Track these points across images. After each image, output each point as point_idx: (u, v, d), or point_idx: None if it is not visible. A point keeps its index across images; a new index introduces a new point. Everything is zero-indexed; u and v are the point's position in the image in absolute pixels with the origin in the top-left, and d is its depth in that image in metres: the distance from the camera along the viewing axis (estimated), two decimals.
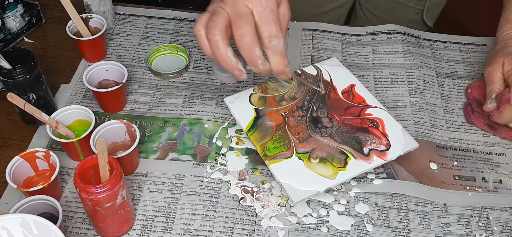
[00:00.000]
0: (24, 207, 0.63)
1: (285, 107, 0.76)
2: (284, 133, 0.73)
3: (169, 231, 0.67)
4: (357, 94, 0.78)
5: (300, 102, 0.77)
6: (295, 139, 0.72)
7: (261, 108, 0.76)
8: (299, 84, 0.79)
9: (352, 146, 0.71)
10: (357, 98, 0.77)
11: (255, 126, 0.74)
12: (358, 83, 0.80)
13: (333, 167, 0.69)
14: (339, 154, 0.70)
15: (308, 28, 0.98)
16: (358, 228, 0.68)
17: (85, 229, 0.67)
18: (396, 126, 0.74)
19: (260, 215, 0.69)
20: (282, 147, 0.71)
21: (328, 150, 0.70)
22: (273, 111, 0.76)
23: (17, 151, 0.69)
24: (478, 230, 0.69)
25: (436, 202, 0.72)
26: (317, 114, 0.75)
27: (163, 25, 0.97)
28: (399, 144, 0.71)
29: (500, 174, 0.75)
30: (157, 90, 0.85)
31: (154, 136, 0.78)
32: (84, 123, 0.75)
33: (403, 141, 0.72)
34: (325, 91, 0.78)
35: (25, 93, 0.73)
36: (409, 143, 0.72)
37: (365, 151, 0.70)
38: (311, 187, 0.67)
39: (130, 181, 0.72)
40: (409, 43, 0.94)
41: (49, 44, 0.94)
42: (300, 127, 0.73)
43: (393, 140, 0.72)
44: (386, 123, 0.74)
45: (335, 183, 0.67)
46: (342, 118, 0.74)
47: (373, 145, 0.71)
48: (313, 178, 0.68)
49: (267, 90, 0.79)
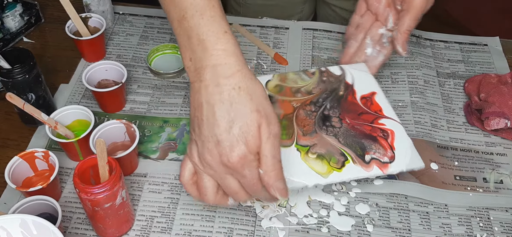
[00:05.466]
0: (23, 207, 0.62)
1: (299, 99, 0.75)
2: (289, 123, 0.72)
3: (168, 231, 0.67)
4: (375, 102, 0.75)
5: (315, 98, 0.75)
6: (300, 131, 0.71)
7: (274, 95, 0.75)
8: (319, 81, 0.77)
9: (354, 150, 0.69)
10: (374, 106, 0.74)
11: None
12: (380, 93, 0.76)
13: (328, 166, 0.67)
14: (338, 155, 0.69)
15: (308, 28, 0.97)
16: (359, 229, 0.68)
17: (84, 230, 0.67)
18: (407, 141, 0.70)
19: (260, 215, 0.69)
20: (283, 136, 0.70)
21: (329, 148, 0.69)
22: (286, 101, 0.74)
23: (16, 151, 0.68)
24: (479, 231, 0.69)
25: (437, 203, 0.71)
26: (329, 113, 0.73)
27: (162, 24, 0.97)
28: (404, 160, 0.68)
29: (501, 175, 0.75)
30: (156, 90, 0.85)
31: (154, 136, 0.78)
32: (83, 123, 0.75)
33: (409, 158, 0.68)
34: (343, 93, 0.76)
35: (24, 93, 0.73)
36: (415, 161, 0.68)
37: (367, 159, 0.68)
38: (300, 179, 0.65)
39: (129, 182, 0.72)
40: (409, 43, 0.94)
41: (48, 43, 0.93)
42: (308, 121, 0.72)
43: (398, 155, 0.68)
44: (396, 136, 0.71)
45: (326, 182, 0.66)
46: (353, 121, 0.72)
47: (376, 154, 0.68)
48: (305, 172, 0.66)
49: (285, 80, 0.78)
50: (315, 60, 0.91)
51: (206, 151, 0.55)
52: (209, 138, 0.54)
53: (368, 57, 0.80)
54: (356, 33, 0.81)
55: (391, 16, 0.77)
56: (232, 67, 0.54)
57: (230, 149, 0.53)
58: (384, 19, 0.78)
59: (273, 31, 0.96)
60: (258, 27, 0.97)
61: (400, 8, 0.75)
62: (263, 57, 0.91)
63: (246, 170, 0.55)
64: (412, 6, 0.73)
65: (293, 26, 0.97)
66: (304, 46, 0.94)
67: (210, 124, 0.54)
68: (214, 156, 0.54)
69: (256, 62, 0.90)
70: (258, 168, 0.55)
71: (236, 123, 0.53)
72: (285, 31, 0.96)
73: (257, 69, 0.89)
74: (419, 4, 0.73)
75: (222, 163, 0.54)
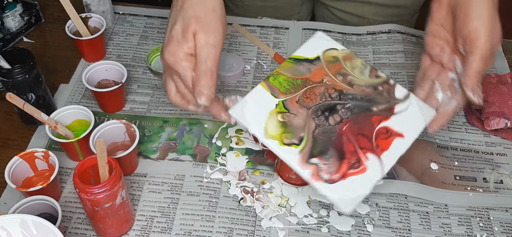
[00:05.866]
0: (23, 207, 0.62)
1: (333, 79, 0.70)
2: (301, 87, 0.69)
3: (168, 231, 0.67)
4: (389, 142, 0.65)
5: (348, 92, 0.69)
6: (300, 97, 0.67)
7: (321, 61, 0.72)
8: (371, 86, 0.69)
9: (316, 148, 0.64)
10: (383, 142, 0.65)
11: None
12: (407, 140, 0.65)
13: (279, 136, 0.64)
14: (297, 137, 0.64)
15: (308, 28, 0.97)
16: (359, 229, 0.68)
17: (84, 230, 0.67)
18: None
19: (260, 215, 0.69)
20: (286, 89, 0.68)
21: (297, 126, 0.65)
22: (322, 71, 0.70)
23: (16, 151, 0.68)
24: (479, 231, 0.69)
25: (437, 203, 0.71)
26: (339, 110, 0.67)
27: (162, 24, 0.97)
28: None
29: (501, 174, 0.75)
30: (156, 90, 0.85)
31: (154, 136, 0.78)
32: (83, 123, 0.75)
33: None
34: (376, 111, 0.67)
35: (24, 93, 0.73)
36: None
37: (312, 161, 0.63)
38: (249, 120, 0.65)
39: (129, 182, 0.72)
40: (409, 43, 0.94)
41: (48, 43, 0.93)
42: (314, 98, 0.68)
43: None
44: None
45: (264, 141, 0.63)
46: (347, 133, 0.65)
47: (326, 166, 0.63)
48: (259, 120, 0.65)
49: (346, 60, 0.72)
50: None
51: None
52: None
53: (440, 104, 0.69)
54: (423, 83, 0.72)
55: (458, 60, 0.68)
56: None
57: (166, 46, 0.63)
58: (452, 65, 0.69)
59: (273, 31, 0.96)
60: (258, 27, 0.97)
61: (464, 52, 0.66)
62: (263, 57, 0.91)
63: (179, 68, 0.62)
64: (476, 45, 0.64)
65: (293, 26, 0.97)
66: None
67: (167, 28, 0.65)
68: (161, 55, 0.65)
69: (256, 62, 0.90)
70: (192, 71, 0.62)
71: (177, 25, 0.63)
72: (285, 31, 0.96)
73: (257, 69, 0.89)
74: (483, 43, 0.64)
75: (163, 60, 0.64)
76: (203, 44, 0.61)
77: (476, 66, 0.65)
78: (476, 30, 0.64)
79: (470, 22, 0.64)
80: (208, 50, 0.61)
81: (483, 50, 0.64)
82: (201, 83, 0.61)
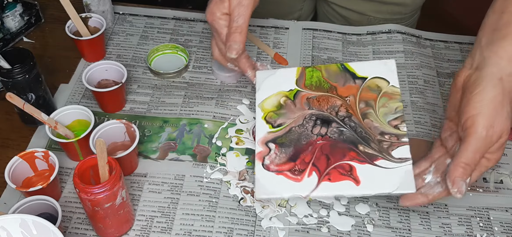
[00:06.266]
0: (23, 207, 0.62)
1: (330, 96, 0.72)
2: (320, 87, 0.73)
3: (168, 231, 0.67)
4: (355, 176, 0.65)
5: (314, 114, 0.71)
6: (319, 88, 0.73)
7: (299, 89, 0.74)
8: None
9: (284, 143, 0.69)
10: (351, 174, 0.65)
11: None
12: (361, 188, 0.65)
13: (264, 112, 0.73)
14: (276, 119, 0.72)
15: (308, 28, 0.97)
16: (359, 229, 0.68)
17: (84, 230, 0.67)
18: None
19: (260, 215, 0.69)
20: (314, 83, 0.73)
21: (287, 115, 0.72)
22: (323, 96, 0.72)
23: (16, 151, 0.68)
24: (479, 231, 0.69)
25: (437, 202, 0.71)
26: (330, 125, 0.69)
27: (162, 24, 0.97)
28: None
29: (501, 174, 0.75)
30: (156, 90, 0.85)
31: (154, 136, 0.78)
32: (83, 123, 0.75)
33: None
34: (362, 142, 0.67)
35: (24, 93, 0.73)
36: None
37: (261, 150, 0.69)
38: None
39: (129, 182, 0.72)
40: (409, 43, 0.94)
41: (48, 43, 0.93)
42: (323, 102, 0.71)
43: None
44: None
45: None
46: (320, 149, 0.67)
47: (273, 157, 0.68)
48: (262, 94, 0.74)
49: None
50: (315, 60, 0.91)
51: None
52: None
53: (425, 184, 0.65)
54: (423, 161, 0.68)
55: (458, 147, 0.62)
56: None
57: (208, 6, 0.74)
58: (453, 152, 0.64)
59: (273, 31, 0.96)
60: (258, 27, 0.97)
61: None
62: (263, 57, 0.91)
63: (216, 25, 0.73)
64: (469, 134, 0.58)
65: (293, 26, 0.97)
66: (304, 46, 0.94)
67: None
68: (206, 15, 0.74)
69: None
70: (226, 27, 0.72)
71: None
72: (285, 31, 0.96)
73: None
74: (478, 133, 0.57)
75: (207, 19, 0.74)
76: (236, 4, 0.71)
77: (464, 156, 0.58)
78: (473, 118, 0.58)
79: (469, 109, 0.59)
80: (239, 9, 0.71)
81: (477, 141, 0.58)
82: (231, 38, 0.71)
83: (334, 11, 1.05)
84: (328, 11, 1.07)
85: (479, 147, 0.58)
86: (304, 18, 1.11)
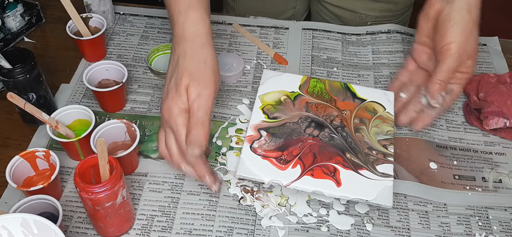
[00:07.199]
0: (24, 206, 0.63)
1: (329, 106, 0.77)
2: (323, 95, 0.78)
3: (169, 230, 0.67)
4: (337, 178, 0.68)
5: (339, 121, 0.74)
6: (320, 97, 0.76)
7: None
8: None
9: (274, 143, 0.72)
10: (334, 176, 0.68)
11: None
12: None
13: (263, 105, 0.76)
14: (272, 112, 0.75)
15: (308, 28, 0.98)
16: (358, 228, 0.68)
17: (85, 229, 0.67)
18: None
19: (260, 214, 0.69)
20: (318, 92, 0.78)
21: (284, 111, 0.76)
22: (322, 104, 0.77)
23: (17, 151, 0.69)
24: (478, 230, 0.69)
25: (436, 202, 0.72)
26: (322, 128, 0.73)
27: (163, 24, 0.97)
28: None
29: (500, 174, 0.75)
30: (157, 89, 0.85)
31: (154, 136, 0.78)
32: (84, 122, 0.75)
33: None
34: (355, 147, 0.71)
35: (25, 92, 0.73)
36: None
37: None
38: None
39: (130, 181, 0.72)
40: (409, 43, 0.94)
41: (49, 43, 0.94)
42: (322, 108, 0.76)
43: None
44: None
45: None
46: (309, 147, 0.71)
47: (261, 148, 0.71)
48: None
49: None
50: (314, 61, 0.91)
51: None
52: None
53: (424, 106, 0.77)
54: (408, 86, 0.79)
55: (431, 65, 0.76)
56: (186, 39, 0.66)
57: (163, 101, 0.66)
58: (425, 67, 0.78)
59: (273, 31, 0.97)
60: (258, 27, 0.97)
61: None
62: (263, 57, 0.92)
63: (172, 125, 0.64)
64: (445, 56, 0.72)
65: (293, 26, 0.98)
66: (304, 46, 0.94)
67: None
68: (160, 110, 0.67)
69: (256, 62, 0.91)
70: (185, 127, 0.64)
71: (171, 80, 0.66)
72: (285, 31, 0.97)
73: (257, 69, 0.89)
74: (452, 56, 0.72)
75: (161, 115, 0.67)
76: (194, 97, 0.64)
77: (439, 74, 0.72)
78: (449, 45, 0.71)
79: (446, 38, 0.72)
80: (199, 101, 0.64)
81: (451, 62, 0.72)
82: (192, 133, 0.63)
83: (326, 9, 1.06)
84: (320, 10, 1.08)
85: (452, 67, 0.72)
86: (298, 17, 1.12)
